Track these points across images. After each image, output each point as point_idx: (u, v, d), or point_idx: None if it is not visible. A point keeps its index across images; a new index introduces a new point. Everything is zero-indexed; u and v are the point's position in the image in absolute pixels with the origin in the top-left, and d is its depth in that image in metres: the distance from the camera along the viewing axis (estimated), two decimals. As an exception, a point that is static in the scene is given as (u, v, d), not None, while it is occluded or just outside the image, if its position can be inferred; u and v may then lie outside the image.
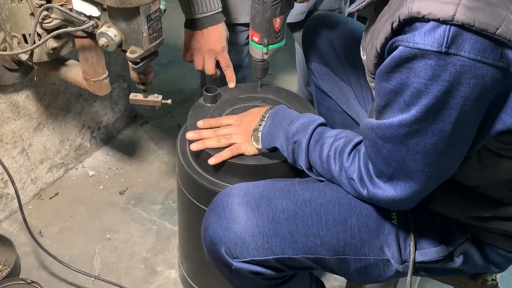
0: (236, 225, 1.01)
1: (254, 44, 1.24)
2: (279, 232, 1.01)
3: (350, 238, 1.02)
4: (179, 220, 1.44)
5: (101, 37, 1.06)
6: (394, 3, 0.81)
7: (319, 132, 1.05)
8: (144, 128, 2.10)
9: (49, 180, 1.82)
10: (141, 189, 1.84)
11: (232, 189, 1.06)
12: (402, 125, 0.83)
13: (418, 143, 0.84)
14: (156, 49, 1.09)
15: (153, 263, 1.61)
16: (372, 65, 0.87)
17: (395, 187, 0.91)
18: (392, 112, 0.84)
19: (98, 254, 1.63)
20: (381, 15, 0.87)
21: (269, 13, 1.16)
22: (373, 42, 0.85)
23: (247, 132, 1.15)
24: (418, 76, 0.77)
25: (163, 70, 2.42)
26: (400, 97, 0.81)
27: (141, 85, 1.18)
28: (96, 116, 1.91)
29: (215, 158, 1.16)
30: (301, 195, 1.04)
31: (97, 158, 1.95)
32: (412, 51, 0.75)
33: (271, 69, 2.45)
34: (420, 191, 0.90)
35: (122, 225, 1.72)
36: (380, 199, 0.94)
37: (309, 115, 1.09)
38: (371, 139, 0.90)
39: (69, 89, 1.74)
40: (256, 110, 1.19)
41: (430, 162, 0.86)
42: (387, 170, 0.90)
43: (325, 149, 1.02)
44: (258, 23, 1.19)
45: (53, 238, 1.66)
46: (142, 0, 0.99)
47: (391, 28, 0.78)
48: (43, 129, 1.71)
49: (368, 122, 0.90)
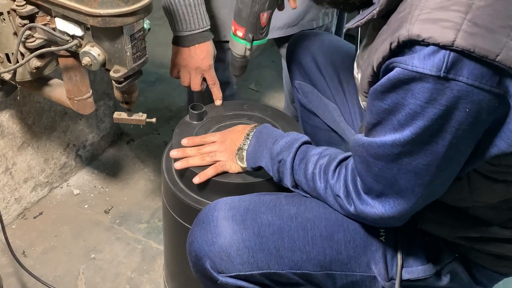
0: (221, 239, 1.00)
1: (236, 39, 1.21)
2: (264, 247, 1.00)
3: (336, 253, 1.02)
4: (164, 239, 1.43)
5: (84, 56, 1.05)
6: (393, 23, 0.81)
7: (304, 151, 1.04)
8: (130, 146, 2.08)
9: (33, 199, 1.80)
10: (127, 208, 1.83)
11: (218, 203, 1.06)
12: (396, 145, 0.83)
13: (410, 162, 0.84)
14: (139, 68, 1.09)
15: (138, 283, 1.59)
16: (367, 83, 0.87)
17: (384, 204, 0.91)
18: (384, 130, 0.84)
19: (83, 274, 1.60)
20: (379, 34, 0.87)
21: (257, 6, 1.15)
22: (370, 60, 0.85)
23: (231, 150, 1.15)
24: (415, 98, 0.77)
25: (150, 87, 2.42)
26: (393, 117, 0.81)
27: (125, 104, 1.17)
28: (81, 134, 1.89)
29: (199, 177, 1.15)
30: (287, 209, 1.03)
31: (82, 176, 1.93)
32: (410, 74, 0.76)
33: (258, 86, 2.46)
34: (409, 210, 0.90)
35: (107, 244, 1.70)
36: (368, 216, 0.93)
37: (293, 134, 1.09)
38: (361, 156, 0.90)
39: (54, 108, 1.73)
40: (240, 127, 1.18)
41: (421, 182, 0.86)
42: (376, 186, 0.90)
43: (309, 167, 1.01)
44: (244, 17, 1.17)
45: (37, 258, 1.64)
46: (125, 19, 0.98)
47: (390, 48, 0.78)
48: (27, 148, 1.69)
49: (359, 139, 0.90)
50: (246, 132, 1.14)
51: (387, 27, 0.84)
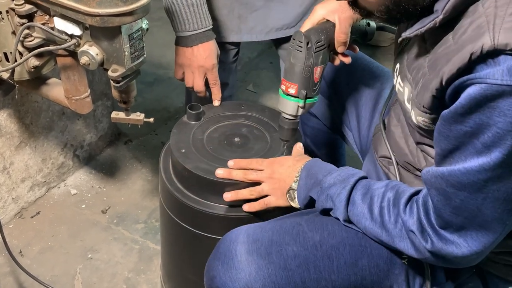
0: (246, 275, 0.96)
1: (288, 98, 1.12)
2: (291, 280, 0.97)
3: (361, 279, 0.99)
4: (161, 239, 1.43)
5: (82, 55, 1.05)
6: (462, 32, 0.77)
7: (365, 185, 0.99)
8: (128, 147, 2.08)
9: (30, 199, 1.79)
10: (124, 208, 1.82)
11: (239, 235, 1.01)
12: (484, 170, 0.77)
13: (499, 188, 0.78)
14: (138, 68, 1.09)
15: (135, 284, 1.59)
16: (430, 97, 0.82)
17: (466, 238, 0.85)
18: (464, 156, 0.79)
19: (80, 274, 1.60)
20: (441, 45, 0.82)
21: (311, 60, 1.08)
22: (437, 72, 0.80)
23: (281, 190, 1.09)
24: (505, 115, 0.72)
25: (148, 88, 2.42)
26: (476, 139, 0.76)
27: (122, 103, 1.18)
28: (79, 134, 1.89)
29: (248, 206, 1.13)
30: (311, 237, 1.00)
31: (79, 176, 1.93)
32: (498, 88, 0.71)
33: (256, 88, 2.46)
34: (494, 242, 0.85)
35: (104, 244, 1.70)
36: (448, 254, 0.87)
37: (349, 168, 1.04)
38: (439, 188, 0.84)
39: (52, 107, 1.73)
40: (290, 161, 1.12)
41: (509, 209, 0.80)
42: (456, 220, 0.84)
43: (376, 200, 0.95)
44: (297, 72, 1.09)
45: (34, 258, 1.63)
46: (123, 19, 0.99)
47: (469, 59, 0.73)
48: (25, 148, 1.69)
49: (435, 170, 0.85)
50: (298, 170, 1.08)
51: (454, 36, 0.79)
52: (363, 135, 1.30)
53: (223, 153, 1.23)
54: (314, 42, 1.08)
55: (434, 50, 0.85)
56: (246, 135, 1.29)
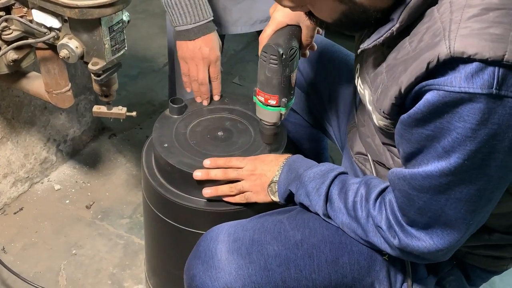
0: (226, 275, 0.96)
1: (269, 109, 1.11)
2: (271, 280, 0.96)
3: (342, 277, 0.99)
4: (145, 234, 1.42)
5: (62, 48, 1.03)
6: (419, 38, 0.77)
7: (342, 180, 0.99)
8: (112, 141, 2.06)
9: (13, 195, 1.77)
10: (109, 203, 1.81)
11: (220, 234, 1.01)
12: (444, 174, 0.78)
13: (461, 190, 0.79)
14: (119, 60, 1.07)
15: (120, 279, 1.58)
16: (389, 105, 0.82)
17: (432, 236, 0.86)
18: (426, 159, 0.79)
19: (64, 270, 1.59)
20: (398, 50, 0.82)
21: (288, 70, 1.06)
22: (394, 80, 0.80)
23: (262, 185, 1.09)
24: (464, 121, 0.72)
25: (132, 81, 2.40)
26: (437, 143, 0.77)
27: (104, 97, 1.16)
28: (62, 129, 1.87)
29: (228, 198, 1.12)
30: (292, 236, 0.99)
31: (63, 171, 1.90)
32: (457, 96, 0.71)
33: (242, 80, 2.45)
34: (460, 240, 0.86)
35: (89, 240, 1.68)
36: (414, 250, 0.88)
37: (329, 164, 1.05)
38: (402, 190, 0.85)
39: (34, 102, 1.70)
40: (271, 157, 1.12)
41: (472, 209, 0.81)
42: (421, 219, 0.85)
43: (350, 195, 0.96)
44: (276, 84, 1.07)
45: (17, 255, 1.61)
46: (103, 11, 0.97)
47: (427, 68, 0.72)
48: (7, 143, 1.67)
49: (398, 172, 0.85)
50: (280, 165, 1.08)
51: (410, 43, 0.79)
52: (342, 130, 1.30)
53: (207, 147, 1.21)
54: (288, 51, 1.05)
55: (392, 56, 0.84)
56: (229, 128, 1.28)
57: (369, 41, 0.85)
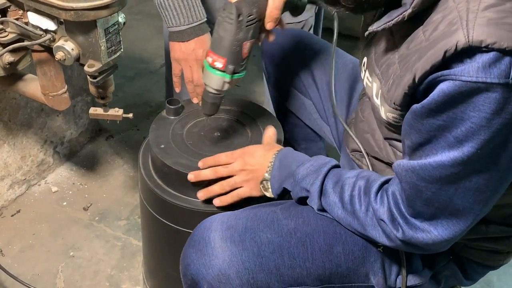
0: (220, 262, 0.96)
1: (214, 71, 1.06)
2: (265, 267, 0.97)
3: (336, 267, 0.99)
4: (142, 235, 1.42)
5: (58, 51, 1.03)
6: (434, 27, 0.76)
7: (337, 173, 0.99)
8: (109, 142, 2.06)
9: (10, 197, 1.77)
10: (106, 205, 1.81)
11: (213, 222, 1.01)
12: (457, 163, 0.77)
13: (471, 179, 0.79)
14: (115, 62, 1.07)
15: (118, 281, 1.58)
16: (401, 95, 0.81)
17: (436, 227, 0.85)
18: (435, 149, 0.79)
19: (61, 272, 1.58)
20: (411, 40, 0.81)
21: (241, 34, 1.02)
22: (408, 69, 0.79)
23: (254, 180, 1.08)
24: (479, 110, 0.72)
25: (129, 83, 2.40)
26: (448, 133, 0.76)
27: (100, 99, 1.16)
28: (59, 130, 1.87)
29: (219, 200, 1.12)
30: (285, 224, 1.00)
31: (60, 173, 1.90)
32: (474, 85, 0.70)
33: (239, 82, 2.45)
34: (464, 230, 0.86)
35: (86, 242, 1.68)
36: (419, 242, 0.88)
37: (321, 157, 1.04)
38: (410, 182, 0.84)
39: (30, 104, 1.70)
40: (260, 151, 1.10)
41: (480, 199, 0.81)
42: (427, 210, 0.85)
43: (346, 189, 0.96)
44: (226, 46, 1.03)
45: (15, 257, 1.61)
46: (99, 13, 0.97)
47: (443, 56, 0.72)
48: (3, 145, 1.67)
49: (405, 164, 0.85)
50: (270, 160, 1.07)
51: (423, 31, 0.78)
52: (340, 130, 1.30)
53: (203, 148, 1.22)
54: (246, 15, 1.01)
55: (404, 46, 0.84)
56: (226, 129, 1.28)
57: (379, 23, 0.84)
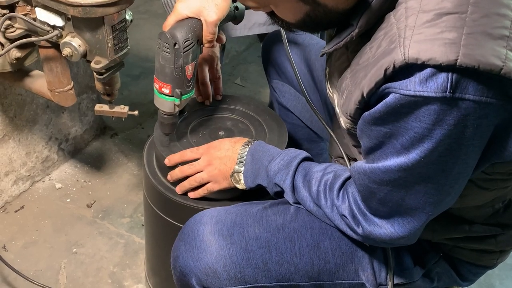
0: (207, 255, 0.97)
1: (163, 97, 1.10)
2: (252, 261, 0.98)
3: (324, 263, 1.00)
4: (145, 233, 1.42)
5: (65, 47, 1.04)
6: (378, 44, 0.78)
7: (306, 167, 1.01)
8: (114, 140, 2.07)
9: (14, 193, 1.77)
10: (109, 202, 1.81)
11: (203, 216, 1.02)
12: (402, 169, 0.80)
13: (419, 183, 0.81)
14: (121, 59, 1.08)
15: (120, 278, 1.58)
16: (354, 108, 0.83)
17: (393, 224, 0.88)
18: (385, 154, 0.81)
19: (64, 269, 1.59)
20: (360, 56, 0.83)
21: (181, 60, 1.05)
22: (357, 84, 0.81)
23: (223, 175, 1.09)
24: (420, 121, 0.74)
25: (134, 81, 2.40)
26: (395, 140, 0.78)
27: (106, 96, 1.17)
28: (64, 127, 1.87)
29: (193, 194, 1.13)
30: (273, 220, 1.01)
31: (64, 170, 1.91)
32: (413, 99, 0.72)
33: (244, 81, 2.46)
34: (420, 228, 0.88)
35: (89, 239, 1.68)
36: (377, 237, 0.90)
37: (291, 151, 1.05)
38: (363, 184, 0.87)
39: (36, 100, 1.71)
40: (226, 144, 1.11)
41: (432, 201, 0.84)
42: (382, 209, 0.88)
43: (313, 184, 0.98)
44: (168, 73, 1.06)
45: (18, 253, 1.62)
46: (106, 10, 0.98)
47: (384, 74, 0.74)
48: (9, 141, 1.67)
49: (359, 166, 0.88)
50: (238, 153, 1.08)
51: (370, 48, 0.80)
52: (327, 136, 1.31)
53: (208, 147, 1.22)
54: (182, 41, 1.03)
55: (355, 61, 0.85)
56: (230, 128, 1.28)
57: (330, 45, 0.87)
